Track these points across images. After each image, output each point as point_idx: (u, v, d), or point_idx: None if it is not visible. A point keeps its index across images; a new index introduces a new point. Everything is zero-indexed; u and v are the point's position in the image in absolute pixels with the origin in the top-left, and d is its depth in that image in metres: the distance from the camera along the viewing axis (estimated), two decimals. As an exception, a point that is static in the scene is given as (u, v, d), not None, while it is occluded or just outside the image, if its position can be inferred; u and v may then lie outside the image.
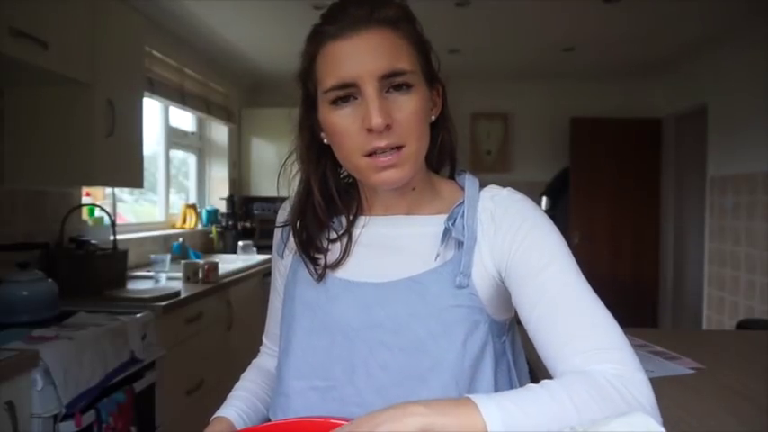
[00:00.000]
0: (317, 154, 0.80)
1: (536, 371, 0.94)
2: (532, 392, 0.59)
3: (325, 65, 0.72)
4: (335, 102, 0.72)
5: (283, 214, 0.88)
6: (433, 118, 0.78)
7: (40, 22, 1.82)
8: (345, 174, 0.83)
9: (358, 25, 0.70)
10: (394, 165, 0.72)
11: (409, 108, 0.71)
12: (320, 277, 0.79)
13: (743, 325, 2.62)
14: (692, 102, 4.34)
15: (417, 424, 0.54)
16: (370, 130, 0.70)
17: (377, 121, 0.68)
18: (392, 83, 0.70)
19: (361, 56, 0.70)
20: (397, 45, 0.71)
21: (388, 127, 0.70)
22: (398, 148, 0.71)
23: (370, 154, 0.71)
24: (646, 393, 0.60)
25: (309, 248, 0.80)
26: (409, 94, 0.71)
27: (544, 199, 4.79)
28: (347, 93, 0.71)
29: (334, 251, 0.80)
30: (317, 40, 0.73)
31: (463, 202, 0.77)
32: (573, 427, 0.52)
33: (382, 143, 0.70)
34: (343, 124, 0.72)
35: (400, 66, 0.70)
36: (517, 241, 0.72)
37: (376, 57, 0.69)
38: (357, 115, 0.71)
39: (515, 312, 0.82)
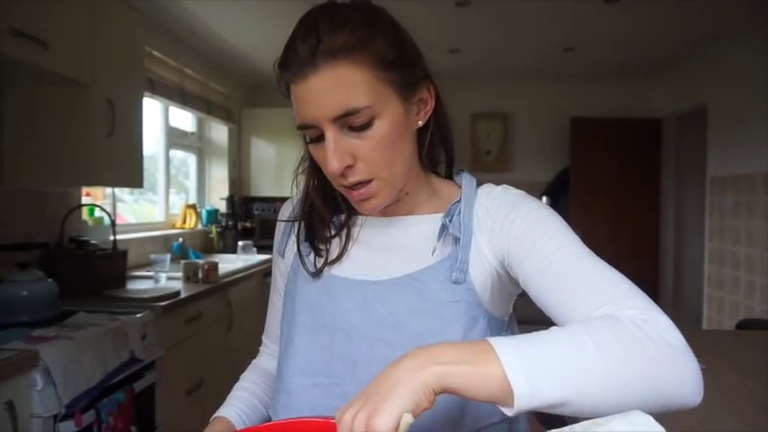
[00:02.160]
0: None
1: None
2: (552, 334, 0.57)
3: (293, 103, 0.71)
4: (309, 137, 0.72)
5: (286, 212, 0.89)
6: (421, 123, 0.76)
7: (40, 22, 1.82)
8: None
9: (305, 68, 0.66)
10: (367, 197, 0.72)
11: (373, 141, 0.69)
12: (318, 272, 0.80)
13: (743, 325, 2.62)
14: (692, 102, 4.34)
15: (434, 375, 0.53)
16: None
17: (332, 166, 0.69)
18: (348, 123, 0.68)
19: (313, 100, 0.67)
20: (351, 78, 0.66)
21: (349, 167, 0.69)
22: (369, 181, 0.71)
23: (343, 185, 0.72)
24: (673, 333, 0.58)
25: (312, 240, 0.82)
26: (371, 127, 0.68)
27: (544, 199, 4.79)
28: (313, 132, 0.70)
29: (333, 249, 0.81)
30: (282, 82, 0.72)
31: (460, 200, 0.77)
32: (572, 427, 0.52)
33: (347, 182, 0.71)
34: (317, 156, 0.73)
35: (354, 104, 0.66)
36: (516, 223, 0.72)
37: (327, 100, 0.66)
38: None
39: (513, 309, 0.82)
